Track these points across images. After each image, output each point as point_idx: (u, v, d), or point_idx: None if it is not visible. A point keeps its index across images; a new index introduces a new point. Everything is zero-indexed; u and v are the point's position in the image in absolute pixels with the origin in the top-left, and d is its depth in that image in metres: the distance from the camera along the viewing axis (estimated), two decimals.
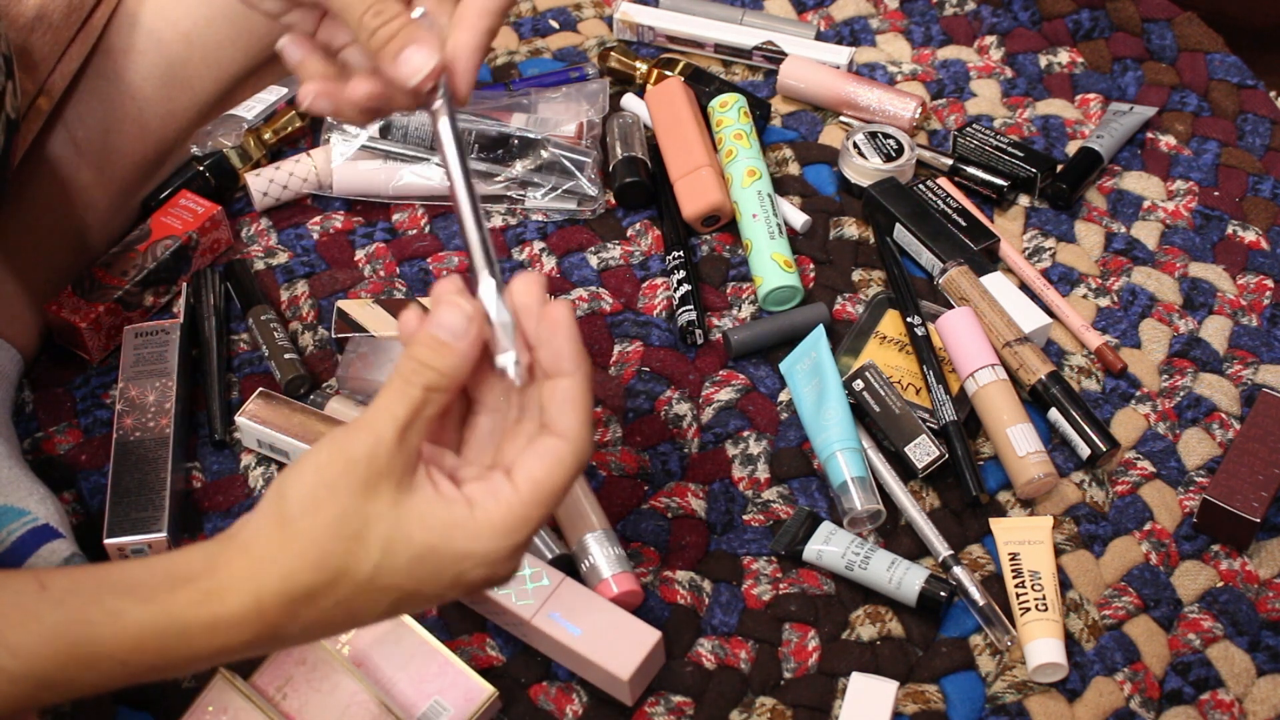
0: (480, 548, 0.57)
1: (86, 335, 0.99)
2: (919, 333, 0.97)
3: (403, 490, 0.57)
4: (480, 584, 0.59)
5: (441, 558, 0.57)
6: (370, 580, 0.57)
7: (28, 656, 0.55)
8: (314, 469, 0.57)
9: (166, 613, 0.56)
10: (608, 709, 0.83)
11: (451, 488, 0.58)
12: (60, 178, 1.00)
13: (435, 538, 0.57)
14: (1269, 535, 0.89)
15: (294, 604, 0.57)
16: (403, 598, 0.58)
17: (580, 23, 1.27)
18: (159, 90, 1.04)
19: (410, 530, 0.57)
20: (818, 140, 1.16)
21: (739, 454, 0.95)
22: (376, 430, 0.57)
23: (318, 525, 0.56)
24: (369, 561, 0.56)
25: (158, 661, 0.56)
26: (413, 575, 0.57)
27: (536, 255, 1.07)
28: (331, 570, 0.56)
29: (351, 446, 0.57)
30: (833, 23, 1.26)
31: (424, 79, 0.63)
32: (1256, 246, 1.06)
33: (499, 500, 0.58)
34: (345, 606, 0.57)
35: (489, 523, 0.57)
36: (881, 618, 0.86)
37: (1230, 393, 0.97)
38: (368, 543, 0.56)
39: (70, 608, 0.56)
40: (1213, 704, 0.82)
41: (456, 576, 0.58)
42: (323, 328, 1.03)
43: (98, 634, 0.55)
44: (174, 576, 0.57)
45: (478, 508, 0.57)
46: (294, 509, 0.57)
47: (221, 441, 0.96)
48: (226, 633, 0.56)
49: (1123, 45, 1.21)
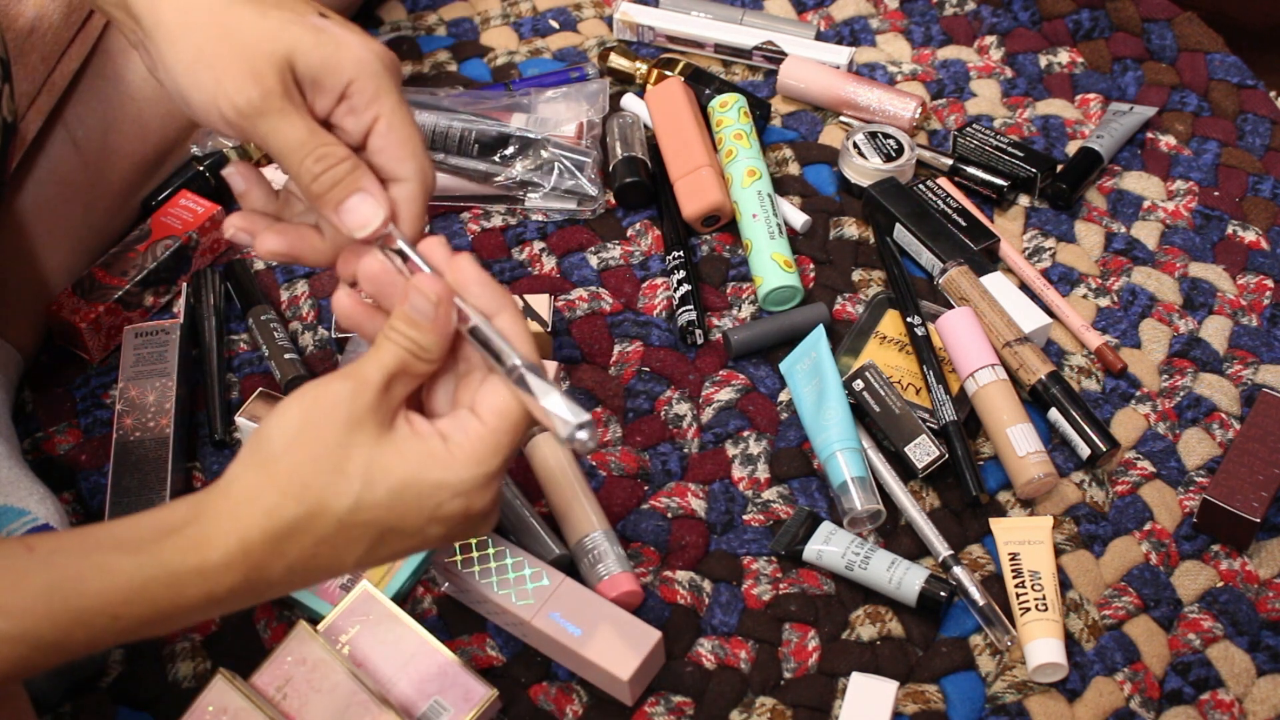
0: (454, 476, 0.58)
1: (86, 335, 0.99)
2: (919, 333, 0.97)
3: (383, 430, 0.59)
4: (459, 516, 0.60)
5: (419, 488, 0.58)
6: (351, 513, 0.58)
7: (20, 616, 0.55)
8: (298, 410, 0.58)
9: (155, 562, 0.56)
10: (608, 709, 0.83)
11: (426, 424, 0.60)
12: (60, 178, 1.00)
13: (412, 468, 0.58)
14: (1269, 535, 0.89)
15: (278, 541, 0.57)
16: (384, 533, 0.59)
17: (580, 23, 1.27)
18: (159, 90, 1.04)
19: (388, 462, 0.58)
20: (818, 140, 1.16)
21: (739, 454, 0.95)
22: (363, 375, 0.59)
23: (300, 460, 0.57)
24: (349, 494, 0.57)
25: (149, 614, 0.57)
26: (393, 509, 0.58)
27: (536, 255, 1.07)
28: (312, 502, 0.57)
29: (337, 388, 0.58)
30: (833, 23, 1.26)
31: (369, 235, 0.63)
32: (1256, 246, 1.06)
33: (468, 432, 0.59)
34: (329, 544, 0.58)
35: (461, 452, 0.59)
36: (881, 618, 0.86)
37: (1230, 393, 0.97)
38: (348, 474, 0.58)
39: (59, 566, 0.56)
40: (1213, 704, 0.82)
41: (435, 508, 0.59)
42: (323, 328, 1.03)
43: (88, 589, 0.56)
44: (160, 528, 0.57)
45: (450, 440, 0.59)
46: (276, 447, 0.58)
47: (221, 441, 0.96)
48: (215, 577, 0.57)
49: (1123, 45, 1.21)
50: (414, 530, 0.59)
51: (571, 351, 1.01)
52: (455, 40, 1.26)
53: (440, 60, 1.23)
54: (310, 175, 0.62)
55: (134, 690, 0.84)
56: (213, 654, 0.86)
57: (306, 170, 0.62)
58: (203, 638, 0.86)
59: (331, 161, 0.62)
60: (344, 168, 0.62)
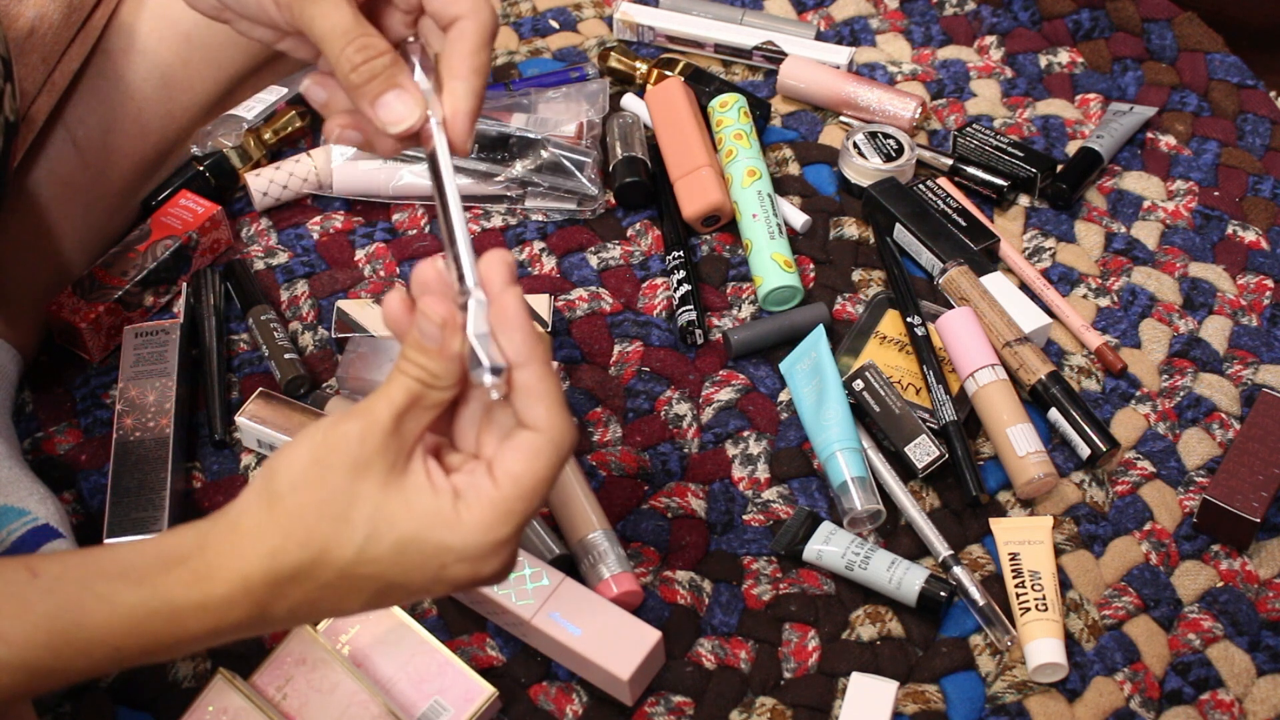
0: (459, 541, 0.56)
1: (86, 335, 0.99)
2: (919, 333, 0.97)
3: (394, 475, 0.57)
4: (466, 580, 0.58)
5: (424, 547, 0.56)
6: (353, 564, 0.56)
7: (20, 644, 0.55)
8: (307, 449, 0.57)
9: (158, 595, 0.56)
10: (608, 709, 0.83)
11: (443, 478, 0.58)
12: (60, 178, 1.00)
13: (418, 525, 0.56)
14: (1269, 535, 0.89)
15: (280, 584, 0.56)
16: (387, 587, 0.58)
17: (580, 23, 1.27)
18: (159, 90, 1.04)
19: (395, 515, 0.56)
20: (818, 140, 1.16)
21: (739, 454, 0.95)
22: (372, 414, 0.57)
23: (305, 503, 0.56)
24: (352, 544, 0.56)
25: (151, 645, 0.56)
26: (396, 563, 0.57)
27: (536, 255, 1.07)
28: (315, 550, 0.56)
29: (346, 428, 0.57)
30: (833, 23, 1.26)
31: (404, 131, 0.62)
32: (1256, 246, 1.06)
33: (480, 496, 0.57)
34: (332, 590, 0.57)
35: (470, 517, 0.56)
36: (881, 618, 0.86)
37: (1230, 393, 0.97)
38: (353, 523, 0.56)
39: (61, 594, 0.56)
40: (1213, 704, 0.82)
41: (439, 569, 0.57)
42: (323, 328, 1.03)
43: (90, 620, 0.55)
44: (164, 558, 0.57)
45: (461, 501, 0.57)
46: (283, 486, 0.56)
47: (221, 441, 0.96)
48: (217, 613, 0.56)
49: (1123, 45, 1.21)
50: (419, 587, 0.58)
51: (571, 351, 1.01)
52: None
53: None
54: (350, 64, 0.61)
55: (134, 690, 0.84)
56: (213, 654, 0.86)
57: (347, 59, 0.61)
58: None
59: (372, 53, 0.61)
60: (383, 60, 0.61)
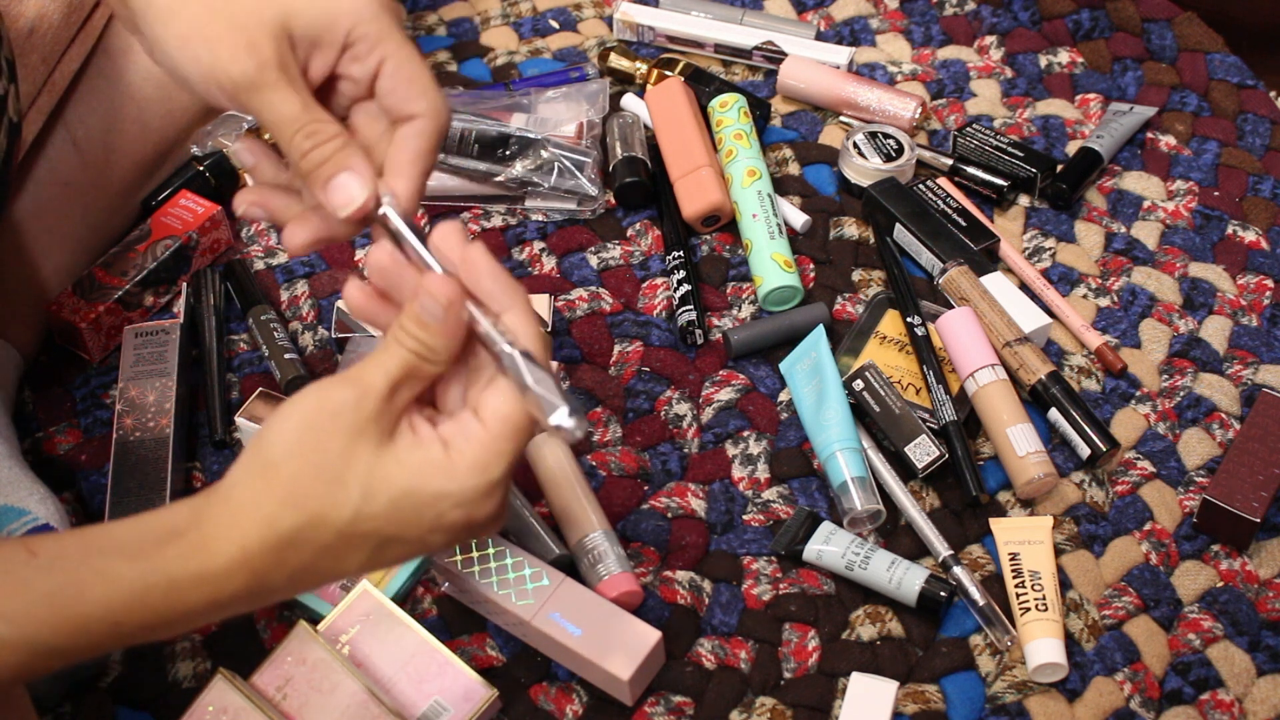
0: (455, 486, 0.57)
1: (86, 335, 0.99)
2: (919, 333, 0.97)
3: (385, 439, 0.57)
4: (461, 526, 0.59)
5: (419, 498, 0.57)
6: (350, 524, 0.57)
7: (21, 622, 0.55)
8: (299, 416, 0.57)
9: (156, 569, 0.56)
10: (608, 709, 0.83)
11: (429, 430, 0.58)
12: (60, 178, 1.00)
13: (412, 478, 0.57)
14: (1269, 535, 0.89)
15: (278, 550, 0.57)
16: (385, 542, 0.58)
17: (580, 23, 1.27)
18: (159, 90, 1.04)
19: (388, 472, 0.57)
20: (818, 140, 1.16)
21: (739, 454, 0.95)
22: (366, 381, 0.57)
23: (300, 469, 0.56)
24: (348, 505, 0.56)
25: (150, 619, 0.56)
26: (392, 519, 0.57)
27: (536, 255, 1.07)
28: (311, 512, 0.56)
29: (340, 395, 0.57)
30: (833, 23, 1.26)
31: (354, 212, 0.61)
32: (1256, 246, 1.06)
33: (469, 438, 0.57)
34: (330, 552, 0.57)
35: (463, 460, 0.57)
36: (881, 618, 0.86)
37: (1230, 393, 0.97)
38: (348, 485, 0.56)
39: (60, 572, 0.56)
40: (1213, 704, 0.82)
41: (436, 518, 0.58)
42: (323, 328, 1.03)
43: (89, 595, 0.55)
44: (161, 533, 0.57)
45: (451, 447, 0.57)
46: (277, 454, 0.57)
47: (221, 441, 0.96)
48: (216, 584, 0.56)
49: (1123, 45, 1.21)
50: (415, 539, 0.58)
51: (571, 351, 1.01)
52: (455, 40, 1.26)
53: (440, 60, 1.23)
54: (299, 151, 0.61)
55: (134, 690, 0.84)
56: (213, 654, 0.86)
57: (296, 146, 0.61)
58: (203, 638, 0.86)
59: (321, 139, 0.61)
60: (333, 145, 0.61)
